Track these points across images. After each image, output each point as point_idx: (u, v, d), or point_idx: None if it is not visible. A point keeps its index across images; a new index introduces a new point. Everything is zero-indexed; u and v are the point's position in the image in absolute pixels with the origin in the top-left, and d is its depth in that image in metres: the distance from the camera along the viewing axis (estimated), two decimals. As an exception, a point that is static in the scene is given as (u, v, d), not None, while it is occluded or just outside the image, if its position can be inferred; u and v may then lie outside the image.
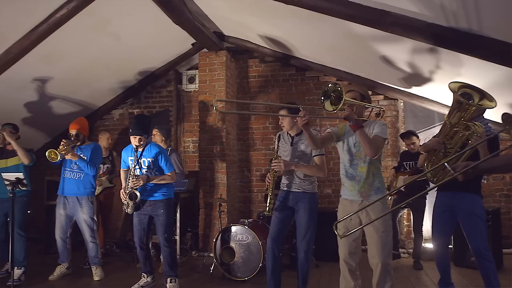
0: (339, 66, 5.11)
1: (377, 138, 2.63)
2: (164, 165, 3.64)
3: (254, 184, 5.74)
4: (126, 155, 3.69)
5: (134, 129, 3.50)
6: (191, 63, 5.94)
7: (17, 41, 3.87)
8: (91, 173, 4.03)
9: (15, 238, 3.88)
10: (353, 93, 2.75)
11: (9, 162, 4.12)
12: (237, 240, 3.97)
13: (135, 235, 3.65)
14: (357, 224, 2.64)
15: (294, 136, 3.31)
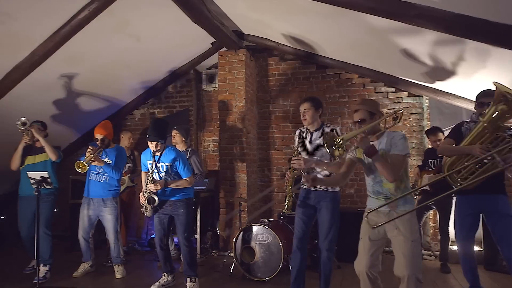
0: (360, 62, 4.99)
1: (396, 158, 2.45)
2: (181, 170, 3.65)
3: (274, 184, 5.68)
4: (145, 158, 3.73)
5: (150, 135, 3.51)
6: (210, 62, 5.94)
7: (41, 43, 3.95)
8: (116, 177, 4.10)
9: (41, 236, 3.97)
10: (361, 113, 2.56)
11: (37, 158, 4.21)
12: (258, 240, 3.92)
13: (155, 235, 3.68)
14: (382, 234, 2.54)
15: (313, 132, 3.23)
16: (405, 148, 2.47)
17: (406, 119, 5.21)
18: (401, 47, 3.92)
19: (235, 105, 5.28)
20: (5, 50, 3.85)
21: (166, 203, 3.64)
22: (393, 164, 2.43)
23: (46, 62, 4.15)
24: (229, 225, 5.23)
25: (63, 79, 4.72)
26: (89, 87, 5.13)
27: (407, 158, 2.52)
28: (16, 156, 4.13)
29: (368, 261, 2.57)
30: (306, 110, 3.19)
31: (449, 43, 3.33)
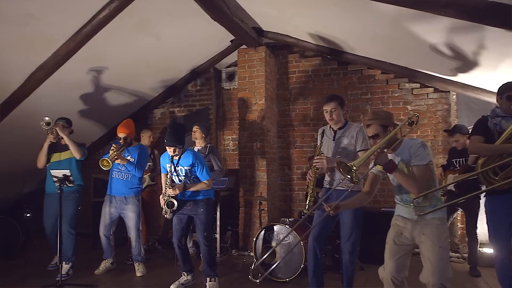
0: (383, 57, 4.83)
1: (418, 170, 2.31)
2: (200, 173, 3.61)
3: (295, 183, 5.59)
4: (164, 161, 3.71)
5: (168, 139, 3.48)
6: (230, 60, 5.90)
7: (64, 43, 4.00)
8: (138, 175, 4.12)
9: (65, 235, 4.03)
10: (373, 128, 2.44)
11: (62, 155, 4.26)
12: (278, 239, 3.85)
13: (174, 235, 3.65)
14: (409, 239, 2.42)
15: (336, 130, 3.14)
16: (425, 156, 2.33)
17: (432, 116, 5.03)
18: (427, 39, 3.76)
19: (254, 103, 5.22)
20: (29, 50, 3.92)
21: (185, 203, 3.61)
22: (416, 176, 2.30)
23: (68, 62, 4.20)
24: (249, 224, 5.17)
25: (86, 78, 4.78)
26: (110, 86, 5.18)
27: (431, 166, 2.38)
28: (42, 155, 4.19)
29: (394, 266, 2.45)
30: (334, 109, 3.10)
31: (482, 34, 3.15)
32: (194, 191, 3.60)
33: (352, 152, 3.08)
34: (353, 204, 2.70)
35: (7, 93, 4.32)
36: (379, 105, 5.23)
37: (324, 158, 2.98)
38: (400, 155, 2.41)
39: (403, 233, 2.43)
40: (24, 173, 5.92)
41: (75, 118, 5.28)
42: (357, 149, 3.06)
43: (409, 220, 2.42)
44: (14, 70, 4.07)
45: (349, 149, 3.07)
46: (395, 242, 2.45)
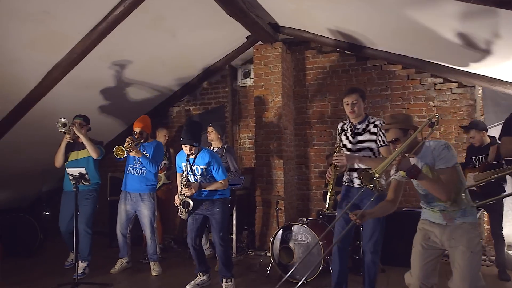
0: (405, 51, 4.65)
1: (444, 173, 2.16)
2: (216, 173, 3.52)
3: (312, 182, 5.46)
4: (180, 160, 3.63)
5: (184, 138, 3.40)
6: (245, 57, 5.82)
7: (80, 41, 3.98)
8: (152, 170, 4.07)
9: (81, 234, 4.02)
10: (392, 132, 2.29)
11: (80, 154, 4.25)
12: (296, 240, 3.74)
13: (188, 235, 3.57)
14: (438, 243, 2.28)
15: (356, 125, 3.00)
16: (451, 158, 2.18)
17: (456, 112, 4.82)
18: (455, 31, 3.57)
19: (271, 100, 5.12)
20: (45, 48, 3.91)
21: (201, 203, 3.53)
22: (443, 180, 2.15)
23: (84, 60, 4.19)
24: (266, 224, 5.08)
25: (101, 76, 4.77)
26: (126, 84, 5.16)
27: (457, 167, 2.22)
28: (59, 154, 4.18)
29: (422, 271, 2.30)
30: (355, 101, 2.96)
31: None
32: (210, 190, 3.51)
33: (372, 148, 2.94)
34: (378, 213, 2.53)
35: (24, 92, 4.34)
36: (399, 102, 5.06)
37: (343, 155, 2.86)
38: (423, 159, 2.27)
39: (430, 237, 2.29)
40: (43, 172, 5.97)
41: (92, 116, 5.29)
42: (378, 144, 2.93)
43: (437, 225, 2.28)
44: (31, 69, 4.07)
45: (369, 144, 2.94)
46: (422, 246, 2.32)
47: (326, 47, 5.43)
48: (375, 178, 2.14)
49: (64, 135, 4.11)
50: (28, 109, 4.55)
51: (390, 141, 2.32)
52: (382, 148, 2.91)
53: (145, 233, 4.15)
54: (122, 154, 3.80)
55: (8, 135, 4.74)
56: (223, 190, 3.57)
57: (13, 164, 5.44)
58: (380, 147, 2.92)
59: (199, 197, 3.51)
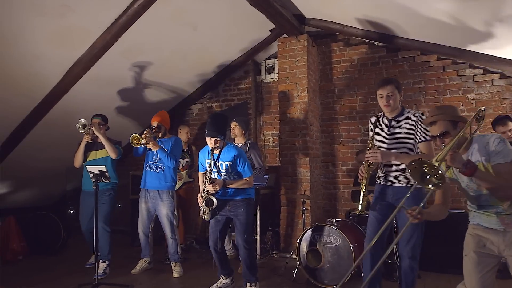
0: (442, 39, 4.30)
1: (504, 169, 1.90)
2: (242, 169, 3.30)
3: (340, 180, 5.19)
4: (203, 157, 3.42)
5: (209, 130, 3.21)
6: (269, 52, 5.63)
7: (100, 36, 3.90)
8: (171, 165, 3.92)
9: (100, 232, 3.93)
10: (440, 124, 2.05)
11: (98, 154, 4.19)
12: (324, 242, 3.50)
13: (210, 237, 3.35)
14: (495, 252, 2.01)
15: (392, 119, 2.74)
16: (509, 152, 1.92)
17: (498, 105, 4.44)
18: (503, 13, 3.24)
19: (296, 95, 4.90)
20: (66, 44, 3.85)
21: (225, 204, 3.31)
22: (504, 178, 1.87)
23: (105, 56, 4.11)
24: (291, 225, 4.86)
25: (122, 72, 4.68)
26: (147, 81, 5.06)
27: None
28: (78, 154, 4.14)
29: (479, 283, 2.03)
30: (391, 93, 2.71)
31: None
32: (234, 190, 3.30)
33: (410, 144, 2.68)
34: (434, 214, 2.21)
35: (47, 89, 4.31)
36: (434, 95, 4.72)
37: (378, 151, 2.60)
38: (474, 156, 2.00)
39: (486, 244, 2.01)
40: (67, 170, 5.98)
41: (112, 115, 5.24)
42: (417, 139, 2.66)
43: (493, 230, 2.00)
44: (52, 65, 4.03)
45: (407, 140, 2.67)
46: (478, 254, 2.04)
47: (354, 39, 5.16)
48: (430, 167, 1.84)
49: (84, 136, 4.07)
50: (51, 107, 4.53)
51: (437, 135, 2.06)
52: (422, 144, 2.64)
53: (165, 232, 4.02)
54: (138, 143, 3.69)
55: (31, 134, 4.75)
56: (248, 190, 3.35)
57: (37, 163, 5.46)
58: (419, 142, 2.65)
59: (223, 197, 3.30)
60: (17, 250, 4.61)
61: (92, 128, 4.01)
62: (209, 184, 3.16)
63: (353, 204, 4.87)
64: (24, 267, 4.40)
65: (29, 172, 5.57)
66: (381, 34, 4.63)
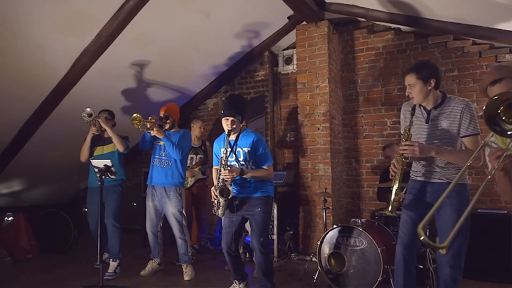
0: (480, 21, 3.86)
1: None
2: (262, 156, 2.95)
3: (363, 178, 4.82)
4: (219, 146, 3.08)
5: (225, 109, 2.89)
6: (287, 42, 5.31)
7: (107, 23, 3.68)
8: (177, 156, 3.66)
9: (110, 229, 3.83)
10: (508, 83, 1.70)
11: (105, 149, 4.02)
12: (348, 244, 3.16)
13: (223, 239, 3.03)
14: None
15: (431, 110, 2.37)
16: None
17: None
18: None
19: (316, 86, 4.56)
20: (71, 32, 3.64)
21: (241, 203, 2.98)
22: None
23: (113, 45, 3.89)
24: (311, 225, 4.53)
25: (131, 64, 4.45)
26: (158, 73, 4.82)
27: None
28: (85, 148, 3.97)
29: None
30: (411, 84, 2.36)
31: None
32: (252, 187, 2.96)
33: (453, 137, 2.30)
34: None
35: (55, 80, 4.12)
36: (469, 84, 4.29)
37: (415, 144, 2.22)
38: None
39: None
40: (80, 168, 5.84)
41: (121, 110, 5.03)
42: (462, 133, 2.28)
43: None
44: (59, 55, 3.83)
45: (449, 133, 2.29)
46: None
47: (379, 26, 4.79)
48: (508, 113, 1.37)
49: (90, 128, 3.89)
50: (60, 100, 4.35)
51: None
52: (467, 139, 2.26)
53: (174, 232, 3.77)
54: (138, 124, 3.48)
55: (40, 129, 4.59)
56: (266, 187, 3.00)
57: (49, 160, 5.33)
58: (464, 137, 2.28)
59: (239, 194, 2.97)
60: (27, 249, 4.47)
61: (99, 120, 3.82)
62: (225, 170, 2.78)
63: (379, 203, 4.50)
64: (33, 266, 4.25)
65: (40, 170, 5.45)
66: (408, 17, 4.22)
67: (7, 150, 4.78)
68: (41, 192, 6.10)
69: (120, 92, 4.80)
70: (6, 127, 4.46)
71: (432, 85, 2.31)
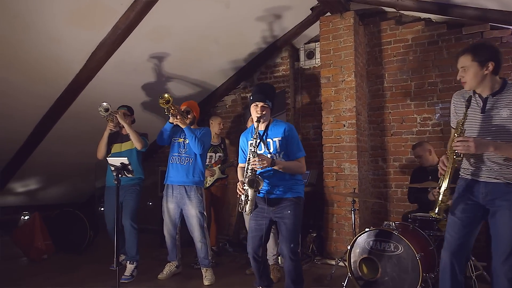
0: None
1: None
2: (294, 146, 2.66)
3: (391, 178, 4.55)
4: (246, 139, 2.76)
5: (256, 94, 2.65)
6: (309, 35, 5.08)
7: (123, 14, 3.52)
8: (198, 149, 3.47)
9: (127, 230, 3.65)
10: None
11: (123, 146, 3.84)
12: (382, 250, 2.91)
13: (249, 243, 2.74)
14: None
15: (487, 97, 2.09)
16: None
17: None
18: None
19: (342, 81, 4.31)
20: (87, 24, 3.49)
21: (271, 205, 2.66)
22: None
23: (129, 38, 3.74)
24: (336, 227, 4.28)
25: (148, 58, 4.28)
26: (177, 68, 4.65)
27: None
28: (102, 144, 3.80)
29: None
30: (464, 67, 2.09)
31: None
32: (283, 188, 2.65)
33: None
34: None
35: (70, 76, 4.00)
36: (508, 76, 3.97)
37: (470, 140, 1.96)
38: None
39: None
40: (97, 166, 5.74)
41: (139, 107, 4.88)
42: None
43: None
44: (74, 49, 3.69)
45: (509, 124, 2.00)
46: None
47: (407, 17, 4.53)
48: None
49: (107, 124, 3.74)
50: (76, 96, 4.24)
51: None
52: None
53: (193, 235, 3.56)
54: (164, 105, 3.32)
55: (56, 127, 4.49)
56: (297, 187, 2.72)
57: (64, 159, 5.24)
58: None
59: (268, 195, 2.65)
60: (42, 249, 4.34)
61: (116, 116, 3.66)
62: (254, 158, 2.48)
63: (408, 204, 4.24)
64: (48, 267, 4.12)
65: (56, 169, 5.36)
66: (440, 5, 3.91)
67: (22, 149, 4.69)
68: (57, 191, 6.02)
69: (137, 87, 4.65)
70: (21, 125, 4.37)
71: (489, 69, 2.03)
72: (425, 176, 3.68)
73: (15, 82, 3.76)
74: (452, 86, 4.21)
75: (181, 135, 3.63)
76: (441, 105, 4.29)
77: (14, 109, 4.07)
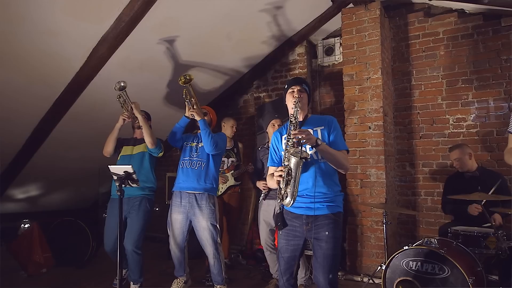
0: None
1: None
2: (338, 137, 2.21)
3: (420, 185, 4.15)
4: (280, 134, 2.32)
5: (292, 81, 2.36)
6: (328, 30, 4.70)
7: (127, 5, 3.17)
8: (210, 148, 3.12)
9: (129, 255, 3.20)
10: None
11: (135, 149, 3.45)
12: (425, 272, 2.52)
13: (280, 268, 2.24)
14: None
15: None
16: None
17: None
18: None
19: (367, 78, 3.93)
20: (87, 17, 3.14)
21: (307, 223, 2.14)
22: None
23: (134, 32, 3.39)
24: (361, 240, 3.89)
25: (155, 54, 3.91)
26: (185, 65, 4.28)
27: None
28: (111, 138, 3.38)
29: None
30: None
31: None
32: (323, 204, 2.14)
33: None
34: None
35: (70, 74, 3.66)
36: (555, 73, 3.57)
37: None
38: None
39: None
40: (100, 171, 5.40)
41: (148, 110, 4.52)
42: None
43: None
44: (74, 43, 3.34)
45: None
46: None
47: (437, 8, 4.15)
48: None
49: (122, 113, 3.37)
50: (76, 96, 3.90)
51: None
52: None
53: (205, 250, 3.18)
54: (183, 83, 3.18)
55: (56, 130, 4.16)
56: (336, 198, 2.21)
57: (66, 163, 4.91)
58: None
59: (307, 211, 2.13)
60: (41, 263, 4.01)
61: (132, 106, 3.31)
62: (295, 131, 2.02)
63: (440, 214, 3.85)
64: (47, 282, 3.79)
65: (57, 174, 5.03)
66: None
67: (21, 153, 4.37)
68: (59, 197, 5.70)
69: (143, 87, 4.28)
70: (19, 128, 4.04)
71: None
72: (463, 183, 3.30)
73: (9, 80, 3.42)
74: (489, 84, 3.82)
75: (194, 139, 3.30)
76: (477, 104, 3.89)
77: (10, 111, 3.74)
